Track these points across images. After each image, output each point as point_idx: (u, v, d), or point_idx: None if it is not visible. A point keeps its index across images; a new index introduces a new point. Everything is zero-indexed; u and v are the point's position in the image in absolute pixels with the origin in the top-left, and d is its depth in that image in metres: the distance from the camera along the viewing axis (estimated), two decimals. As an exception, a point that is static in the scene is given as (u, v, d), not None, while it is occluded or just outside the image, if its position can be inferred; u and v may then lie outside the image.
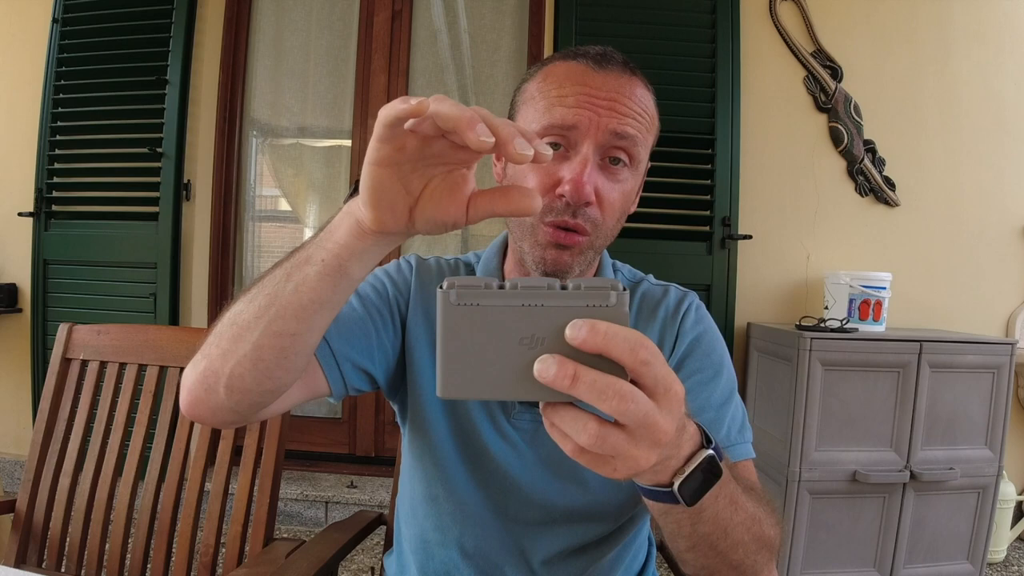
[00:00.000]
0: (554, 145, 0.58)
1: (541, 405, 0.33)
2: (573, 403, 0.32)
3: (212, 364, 0.50)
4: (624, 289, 0.31)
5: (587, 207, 0.58)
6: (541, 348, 0.31)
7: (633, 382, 0.31)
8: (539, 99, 0.60)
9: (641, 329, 0.68)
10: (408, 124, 0.36)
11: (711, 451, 0.39)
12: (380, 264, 0.70)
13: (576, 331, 0.30)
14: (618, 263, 0.75)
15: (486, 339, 0.31)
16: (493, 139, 0.33)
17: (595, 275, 0.71)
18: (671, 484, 0.39)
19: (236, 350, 0.48)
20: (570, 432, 0.31)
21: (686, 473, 0.38)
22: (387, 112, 0.36)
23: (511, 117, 0.66)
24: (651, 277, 0.74)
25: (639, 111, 0.60)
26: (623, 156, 0.59)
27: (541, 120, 0.59)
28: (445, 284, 0.31)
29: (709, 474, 0.39)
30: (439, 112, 0.34)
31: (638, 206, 0.68)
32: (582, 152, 0.57)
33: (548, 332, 0.31)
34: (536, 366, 0.30)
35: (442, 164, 0.40)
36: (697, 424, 0.40)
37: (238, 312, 0.49)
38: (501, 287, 0.31)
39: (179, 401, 0.54)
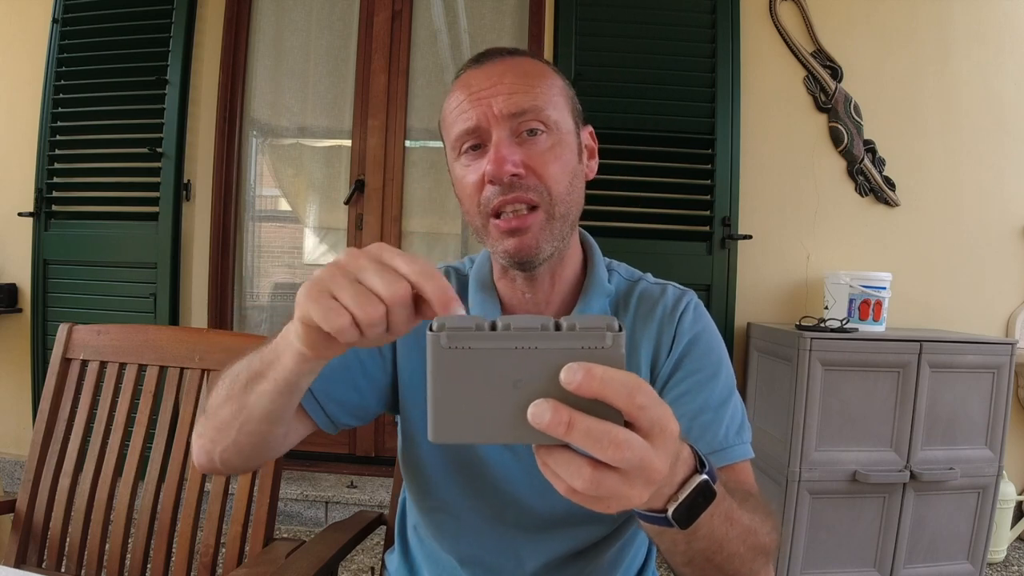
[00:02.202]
0: (473, 147, 0.61)
1: (535, 447, 0.32)
2: (567, 445, 0.31)
3: (205, 444, 0.57)
4: (620, 328, 0.30)
5: (520, 179, 0.59)
6: (535, 391, 0.30)
7: (628, 423, 0.31)
8: (447, 117, 0.64)
9: (639, 327, 0.68)
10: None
11: (705, 476, 0.39)
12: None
13: (571, 376, 0.29)
14: (614, 262, 0.75)
15: (478, 383, 0.30)
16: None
17: (586, 263, 0.71)
18: (665, 510, 0.39)
19: (221, 440, 0.55)
20: (564, 476, 0.31)
21: (679, 500, 0.38)
22: (317, 317, 0.37)
23: (445, 148, 0.68)
24: (649, 276, 0.74)
25: (527, 84, 0.60)
26: (536, 126, 0.60)
27: (452, 134, 0.62)
28: (435, 325, 0.30)
29: (703, 497, 0.39)
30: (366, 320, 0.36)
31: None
32: (494, 138, 0.59)
33: (541, 375, 0.30)
34: (530, 411, 0.29)
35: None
36: (691, 447, 0.40)
37: (218, 405, 0.54)
38: (493, 327, 0.30)
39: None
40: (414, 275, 0.36)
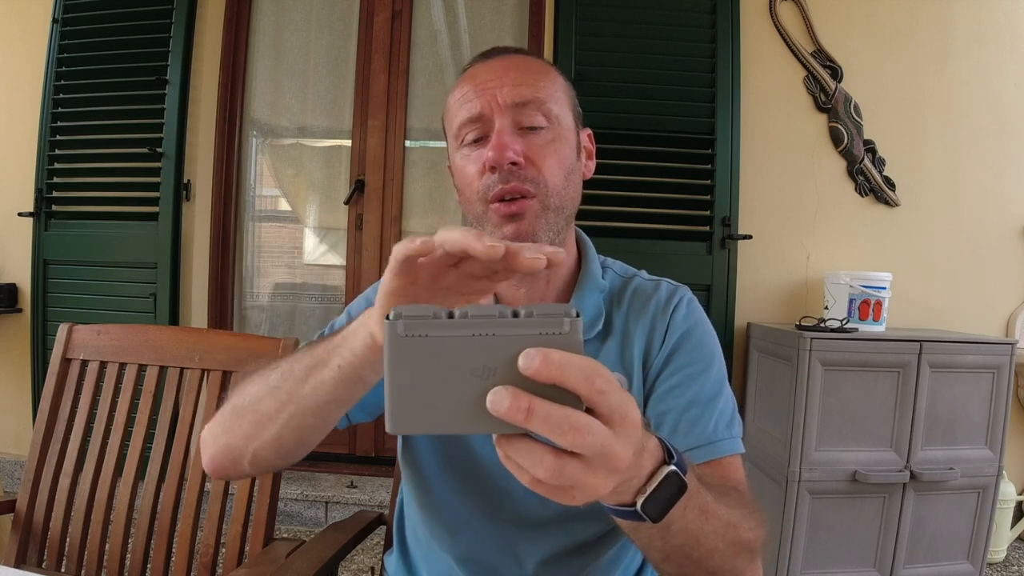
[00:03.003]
0: (476, 139, 0.63)
1: (495, 438, 0.32)
2: (528, 434, 0.31)
3: (236, 442, 0.55)
4: (577, 315, 0.30)
5: (519, 169, 0.60)
6: (494, 379, 0.29)
7: (588, 410, 0.30)
8: (451, 109, 0.66)
9: (632, 321, 0.68)
10: (421, 260, 0.39)
11: (673, 467, 0.39)
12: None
13: (529, 361, 0.29)
14: (608, 260, 0.75)
15: (436, 371, 0.30)
16: (502, 246, 0.35)
17: (580, 259, 0.72)
18: (634, 503, 0.38)
19: (258, 435, 0.53)
20: (526, 465, 0.31)
21: (647, 492, 0.38)
22: (399, 250, 0.39)
23: (447, 141, 0.70)
24: (644, 272, 0.74)
25: (531, 79, 0.63)
26: (539, 119, 0.62)
27: (455, 123, 0.64)
28: (392, 314, 0.30)
29: (673, 489, 0.39)
30: (445, 241, 0.37)
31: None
32: (496, 126, 0.61)
33: (500, 362, 0.29)
34: (489, 399, 0.29)
35: (458, 294, 0.42)
36: (659, 438, 0.40)
37: (257, 398, 0.53)
38: (451, 316, 0.30)
39: (201, 460, 0.59)
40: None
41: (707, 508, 0.44)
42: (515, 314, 0.30)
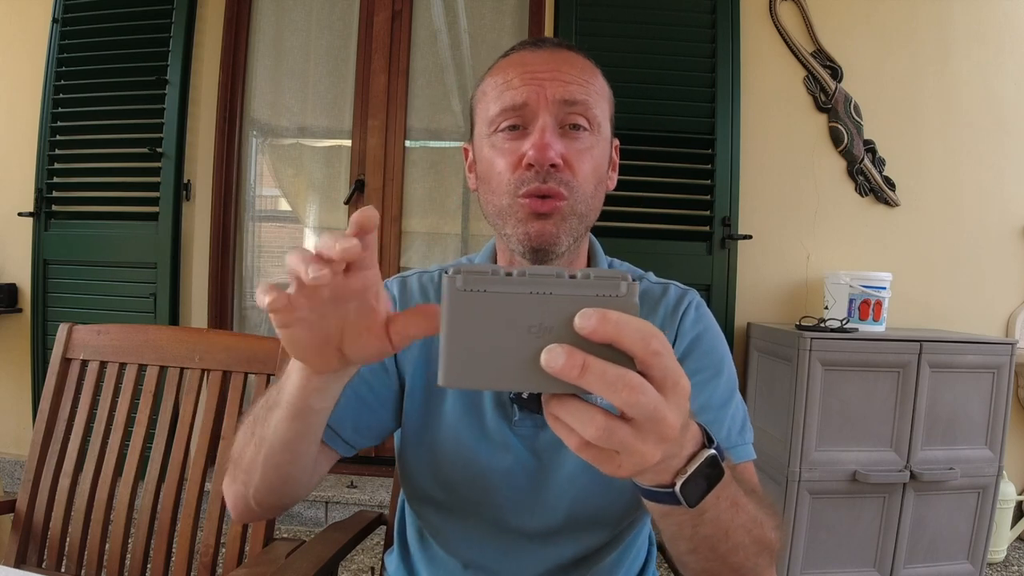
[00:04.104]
0: (512, 127, 0.61)
1: (544, 398, 0.32)
2: (578, 396, 0.31)
3: (239, 489, 0.58)
4: (633, 280, 0.30)
5: (556, 171, 0.59)
6: (548, 337, 0.30)
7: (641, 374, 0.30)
8: (489, 93, 0.63)
9: None
10: (290, 289, 0.37)
11: (713, 450, 0.39)
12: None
13: (586, 320, 0.29)
14: (615, 261, 0.75)
15: (491, 327, 0.30)
16: (349, 243, 0.34)
17: (588, 262, 0.71)
18: (673, 485, 0.38)
19: (251, 481, 0.56)
20: (575, 425, 0.30)
21: (688, 473, 0.38)
22: (267, 303, 0.36)
23: (470, 124, 0.68)
24: (651, 275, 0.74)
25: (583, 79, 0.61)
26: (581, 121, 0.60)
27: (493, 108, 0.61)
28: (451, 270, 0.30)
29: (711, 474, 0.39)
30: (290, 263, 0.35)
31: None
32: (540, 121, 0.59)
33: (555, 321, 0.30)
34: (543, 356, 0.29)
35: (343, 301, 0.39)
36: (699, 424, 0.40)
37: (243, 446, 0.56)
38: (509, 274, 0.30)
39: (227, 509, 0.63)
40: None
41: (738, 501, 0.44)
42: (572, 276, 0.30)
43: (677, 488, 0.38)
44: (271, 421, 0.50)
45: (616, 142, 0.69)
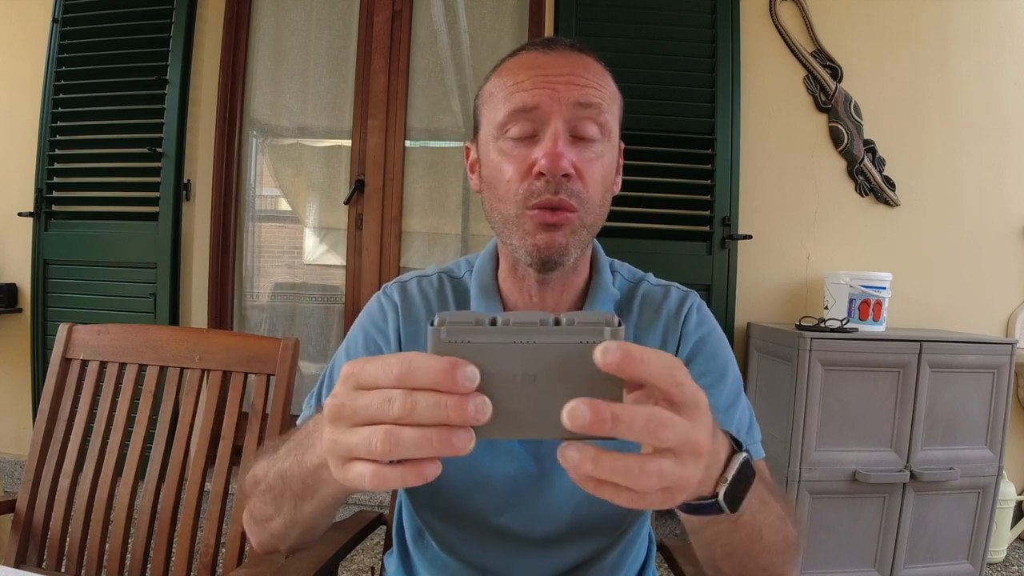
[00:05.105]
0: (522, 136, 0.58)
1: (571, 463, 0.30)
2: (575, 438, 0.30)
3: (271, 540, 0.57)
4: (619, 324, 0.30)
5: (568, 181, 0.57)
6: (535, 385, 0.30)
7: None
8: (497, 93, 0.60)
9: (643, 331, 0.67)
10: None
11: (744, 453, 0.39)
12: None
13: (608, 356, 0.27)
14: (616, 262, 0.74)
15: (480, 377, 0.30)
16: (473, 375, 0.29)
17: (591, 267, 0.70)
18: (715, 495, 0.38)
19: (283, 542, 0.56)
20: (629, 483, 0.29)
21: (728, 480, 0.37)
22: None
23: (475, 125, 0.66)
24: (651, 276, 0.73)
25: (596, 82, 0.60)
26: (593, 127, 0.58)
27: (502, 110, 0.58)
28: (436, 321, 0.30)
29: (747, 477, 0.39)
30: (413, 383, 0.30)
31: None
32: (551, 128, 0.57)
33: (541, 369, 0.30)
34: (565, 413, 0.28)
35: None
36: (723, 430, 0.40)
37: (267, 518, 0.54)
38: (493, 323, 0.30)
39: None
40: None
41: (765, 498, 0.44)
42: (556, 322, 0.30)
43: (720, 497, 0.38)
44: (303, 508, 0.48)
45: (622, 145, 0.67)
